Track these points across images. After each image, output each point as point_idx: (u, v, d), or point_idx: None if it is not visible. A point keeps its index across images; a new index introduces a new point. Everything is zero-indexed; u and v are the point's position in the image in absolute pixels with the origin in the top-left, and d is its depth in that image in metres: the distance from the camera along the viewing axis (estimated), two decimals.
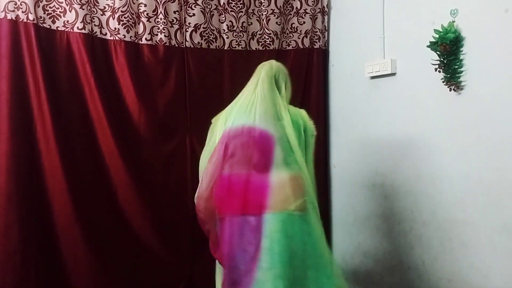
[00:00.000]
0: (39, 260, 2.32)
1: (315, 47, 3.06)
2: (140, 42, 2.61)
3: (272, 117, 1.84)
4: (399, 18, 2.55)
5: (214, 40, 2.81)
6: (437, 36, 2.19)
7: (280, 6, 2.96)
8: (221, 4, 2.82)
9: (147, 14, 2.60)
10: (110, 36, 2.53)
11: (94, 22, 2.50)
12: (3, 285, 2.22)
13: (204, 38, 2.77)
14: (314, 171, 1.96)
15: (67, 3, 2.41)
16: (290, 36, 3.03)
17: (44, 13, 2.37)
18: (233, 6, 2.85)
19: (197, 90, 2.75)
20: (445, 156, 2.30)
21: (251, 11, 2.93)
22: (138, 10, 2.60)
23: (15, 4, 2.27)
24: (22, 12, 2.29)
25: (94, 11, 2.50)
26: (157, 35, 2.64)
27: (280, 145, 1.81)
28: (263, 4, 2.93)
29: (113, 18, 2.53)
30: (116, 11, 2.52)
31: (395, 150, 2.59)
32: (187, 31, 2.73)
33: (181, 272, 2.69)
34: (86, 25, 2.44)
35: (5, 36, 2.26)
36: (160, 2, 2.62)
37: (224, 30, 2.84)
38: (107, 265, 2.48)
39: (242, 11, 2.88)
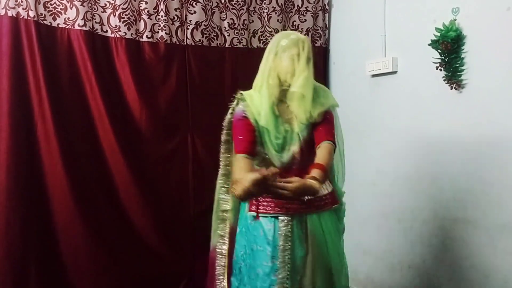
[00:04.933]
0: (39, 258, 2.33)
1: (316, 45, 3.06)
2: (141, 39, 2.61)
3: None
4: (400, 16, 2.54)
5: (215, 37, 2.81)
6: (438, 34, 2.19)
7: (281, 4, 2.96)
8: (222, 1, 2.81)
9: (148, 11, 2.59)
10: (111, 34, 2.53)
11: (95, 19, 2.49)
12: (3, 283, 2.22)
13: (205, 35, 2.77)
14: None
15: (68, 0, 2.40)
16: None
17: (45, 10, 2.36)
18: (234, 3, 2.84)
19: (199, 87, 2.74)
20: (446, 155, 2.29)
21: (252, 9, 2.93)
22: (139, 7, 2.59)
23: (16, 1, 2.27)
24: (23, 9, 2.28)
25: (95, 8, 2.49)
26: (158, 32, 2.63)
27: None
28: (264, 1, 2.93)
29: (114, 15, 2.52)
30: (117, 8, 2.51)
31: (396, 148, 2.59)
32: (188, 29, 2.73)
33: (182, 271, 2.69)
34: (87, 22, 2.44)
35: (5, 33, 2.25)
36: None
37: (225, 27, 2.83)
38: (108, 263, 2.48)
39: (243, 9, 2.87)
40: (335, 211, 1.84)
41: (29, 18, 2.29)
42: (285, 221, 1.68)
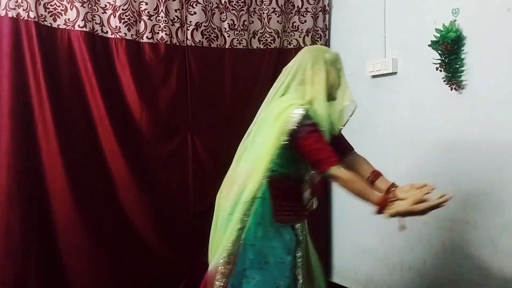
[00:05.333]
0: (39, 259, 2.32)
1: None
2: (141, 40, 2.61)
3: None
4: (401, 17, 2.54)
5: (215, 38, 2.81)
6: (438, 35, 2.19)
7: (281, 5, 2.95)
8: (222, 2, 2.82)
9: (148, 12, 2.60)
10: (111, 34, 2.53)
11: (95, 20, 2.50)
12: (3, 283, 2.22)
13: (205, 36, 2.77)
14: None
15: (68, 1, 2.40)
16: (292, 35, 3.03)
17: (45, 11, 2.36)
18: (234, 4, 2.85)
19: (199, 88, 2.75)
20: (446, 155, 2.30)
21: (252, 10, 2.93)
22: (139, 8, 2.60)
23: (16, 2, 2.27)
24: (23, 10, 2.28)
25: (95, 9, 2.50)
26: (158, 33, 2.63)
27: (244, 141, 1.80)
28: (264, 2, 2.93)
29: (114, 16, 2.52)
30: (117, 9, 2.52)
31: (396, 149, 2.59)
32: (188, 30, 2.73)
33: (182, 271, 2.69)
34: (87, 23, 2.44)
35: (6, 34, 2.25)
36: (161, 0, 2.62)
37: (225, 28, 2.84)
38: (108, 264, 2.48)
39: (243, 10, 2.87)
40: None
41: (29, 19, 2.29)
42: (299, 228, 1.76)
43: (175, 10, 2.67)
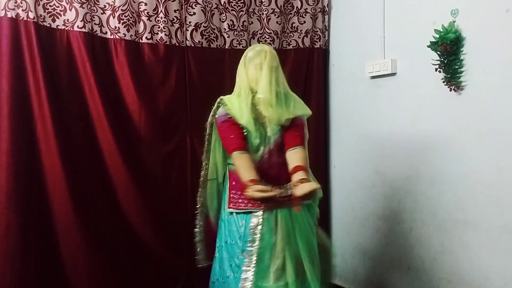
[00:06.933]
0: (39, 259, 2.32)
1: (315, 46, 3.06)
2: (140, 41, 2.61)
3: None
4: (400, 18, 2.55)
5: (214, 39, 2.81)
6: (437, 36, 2.19)
7: (281, 6, 2.96)
8: (222, 3, 2.82)
9: (147, 13, 2.60)
10: (111, 35, 2.53)
11: (94, 20, 2.50)
12: (3, 285, 2.21)
13: (204, 37, 2.77)
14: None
15: (67, 1, 2.40)
16: (291, 36, 3.03)
17: (44, 11, 2.36)
18: (234, 5, 2.85)
19: (198, 89, 2.75)
20: (445, 156, 2.30)
21: (252, 11, 2.93)
22: (139, 9, 2.60)
23: (15, 2, 2.26)
24: (23, 10, 2.28)
25: (94, 10, 2.50)
26: (157, 34, 2.64)
27: None
28: (264, 3, 2.93)
29: (114, 17, 2.52)
30: (117, 9, 2.52)
31: (395, 150, 2.59)
32: (188, 30, 2.73)
33: (180, 270, 2.69)
34: (86, 24, 2.44)
35: (5, 35, 2.25)
36: (161, 1, 2.62)
37: (224, 29, 2.84)
38: (107, 264, 2.48)
39: (242, 10, 2.87)
40: (308, 207, 1.93)
41: (28, 19, 2.29)
42: (257, 216, 1.85)
43: (175, 11, 2.67)
